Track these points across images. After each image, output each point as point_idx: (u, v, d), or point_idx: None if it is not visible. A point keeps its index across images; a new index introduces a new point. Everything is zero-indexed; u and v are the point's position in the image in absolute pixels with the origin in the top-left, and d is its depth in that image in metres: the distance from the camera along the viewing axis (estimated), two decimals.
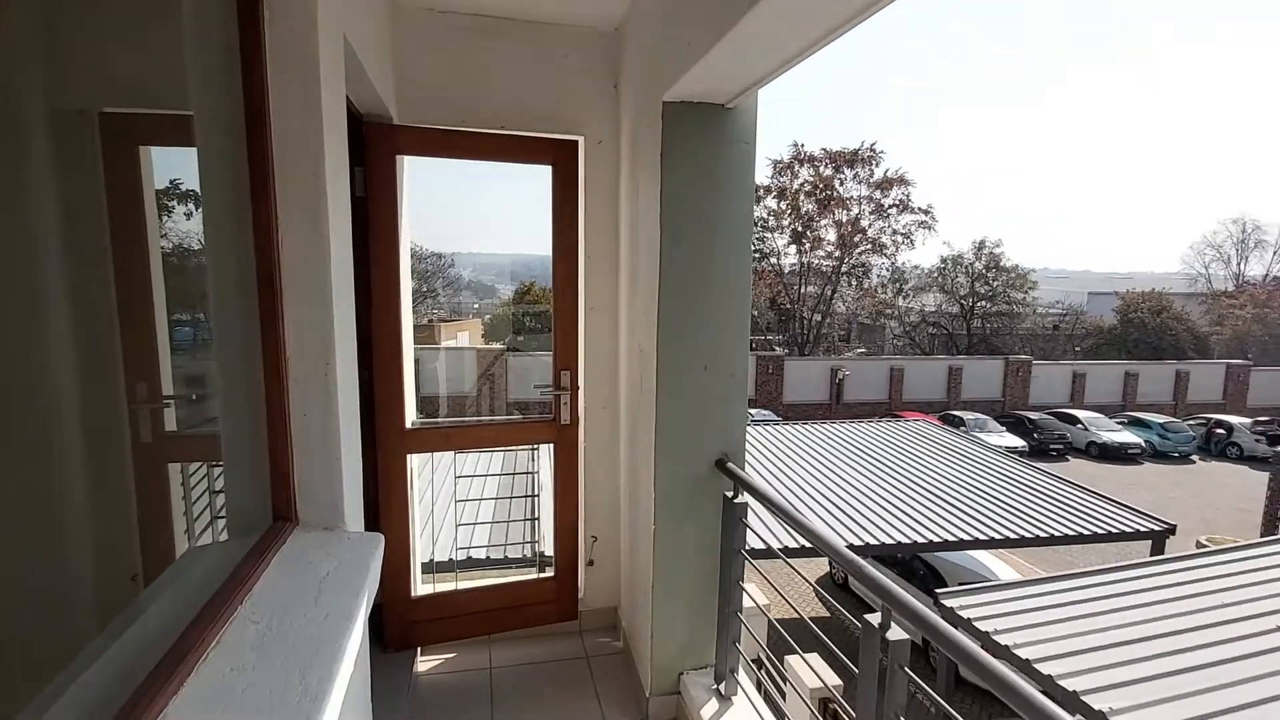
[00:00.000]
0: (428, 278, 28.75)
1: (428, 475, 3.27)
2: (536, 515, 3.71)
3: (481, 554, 5.26)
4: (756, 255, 33.78)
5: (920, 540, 7.98)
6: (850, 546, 7.91)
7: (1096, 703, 4.29)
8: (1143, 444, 21.35)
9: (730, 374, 2.35)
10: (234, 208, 1.41)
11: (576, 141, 2.92)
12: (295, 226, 1.48)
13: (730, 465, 2.29)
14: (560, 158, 2.88)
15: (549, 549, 3.20)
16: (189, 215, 1.64)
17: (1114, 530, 8.44)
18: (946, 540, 8.01)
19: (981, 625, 5.40)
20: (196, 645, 1.03)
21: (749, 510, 2.22)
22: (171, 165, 1.63)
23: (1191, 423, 22.89)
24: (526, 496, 3.88)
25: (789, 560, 2.33)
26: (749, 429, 13.29)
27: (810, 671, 3.52)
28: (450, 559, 4.74)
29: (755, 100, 2.25)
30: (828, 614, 9.11)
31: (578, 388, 3.04)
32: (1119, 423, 22.67)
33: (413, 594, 2.95)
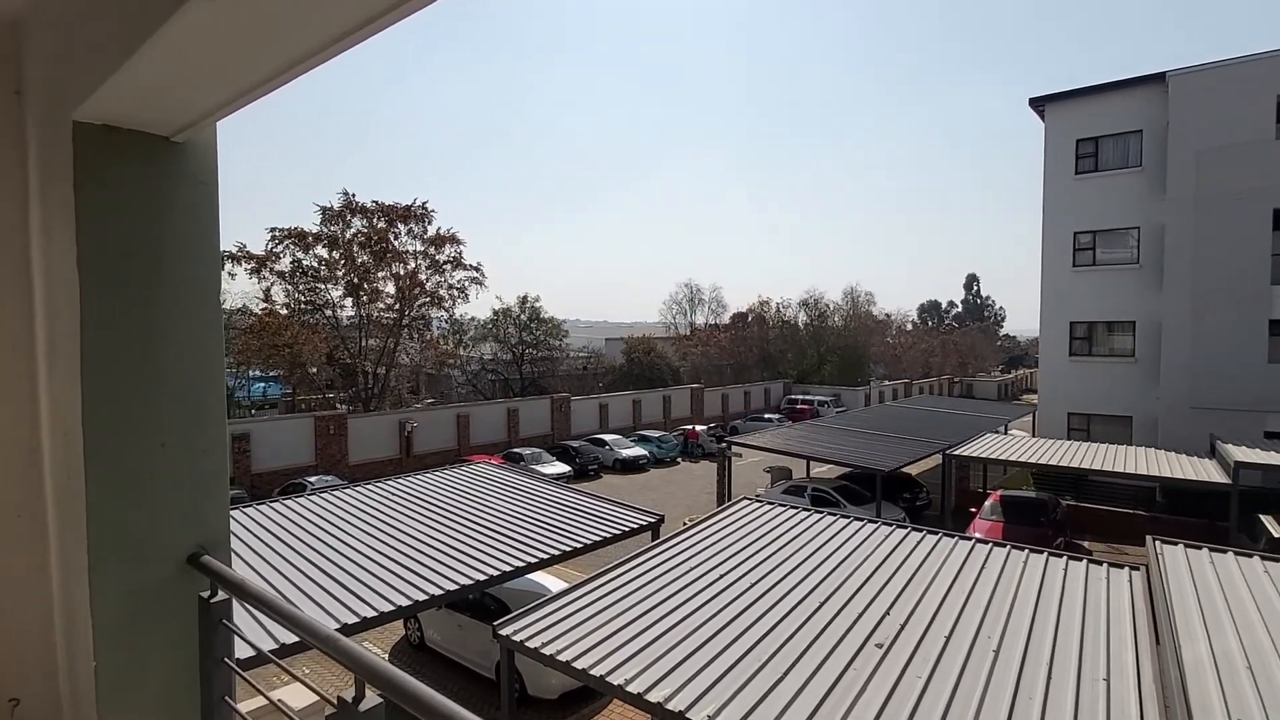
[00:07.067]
0: None
1: None
2: None
3: None
4: (309, 307, 30.69)
5: (483, 577, 8.32)
6: (414, 605, 7.58)
7: (616, 679, 5.17)
8: (648, 455, 27.51)
9: (201, 450, 1.98)
10: None
11: None
12: None
13: (206, 559, 1.92)
14: None
15: None
16: None
17: (628, 528, 10.53)
18: (505, 571, 8.57)
19: (531, 644, 5.92)
20: None
21: (232, 610, 1.90)
22: None
23: (675, 434, 30.55)
24: None
25: (280, 663, 2.04)
26: (302, 501, 11.71)
27: None
28: None
29: (213, 134, 2.00)
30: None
31: None
32: (632, 440, 28.66)
33: None
